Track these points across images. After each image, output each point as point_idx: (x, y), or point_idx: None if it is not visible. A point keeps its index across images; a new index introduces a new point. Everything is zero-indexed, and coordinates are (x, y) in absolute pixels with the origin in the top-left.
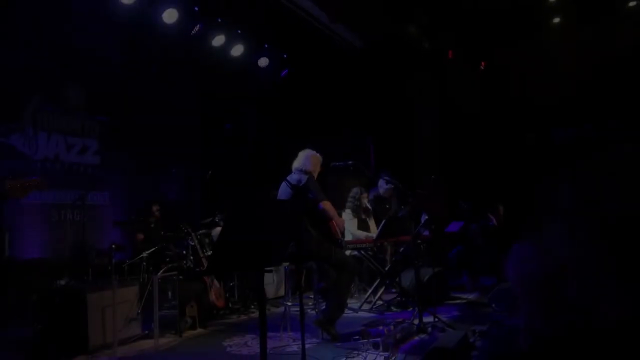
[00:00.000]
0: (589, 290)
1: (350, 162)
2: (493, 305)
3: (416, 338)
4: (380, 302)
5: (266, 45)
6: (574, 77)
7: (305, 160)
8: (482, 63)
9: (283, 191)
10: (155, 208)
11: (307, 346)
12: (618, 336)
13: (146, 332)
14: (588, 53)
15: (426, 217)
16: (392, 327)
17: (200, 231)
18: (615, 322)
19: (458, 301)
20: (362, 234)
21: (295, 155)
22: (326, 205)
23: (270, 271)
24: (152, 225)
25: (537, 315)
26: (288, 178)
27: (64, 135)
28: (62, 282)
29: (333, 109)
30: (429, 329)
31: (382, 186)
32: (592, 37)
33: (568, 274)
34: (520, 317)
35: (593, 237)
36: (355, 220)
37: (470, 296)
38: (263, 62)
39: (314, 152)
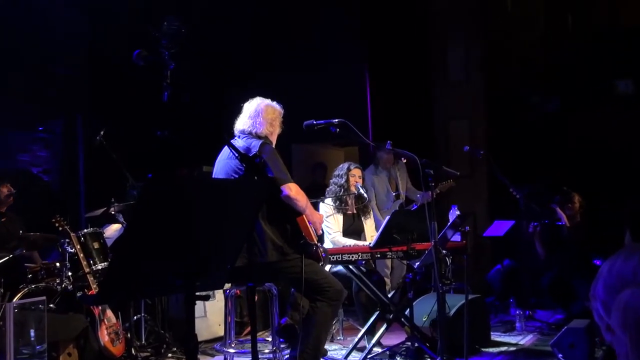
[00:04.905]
0: None
1: (335, 120)
2: (560, 356)
3: None
4: (379, 350)
5: None
6: None
7: (256, 116)
8: None
9: (224, 165)
10: (5, 190)
11: None
12: None
13: None
14: None
15: (457, 212)
16: None
17: (85, 230)
18: None
19: (503, 348)
20: (349, 242)
21: (240, 108)
22: (292, 189)
23: (207, 298)
24: (3, 219)
25: None
26: (233, 142)
27: None
28: None
29: (305, 28)
30: None
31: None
32: None
33: None
34: None
35: None
36: (340, 217)
37: (522, 340)
38: None
39: (270, 102)
